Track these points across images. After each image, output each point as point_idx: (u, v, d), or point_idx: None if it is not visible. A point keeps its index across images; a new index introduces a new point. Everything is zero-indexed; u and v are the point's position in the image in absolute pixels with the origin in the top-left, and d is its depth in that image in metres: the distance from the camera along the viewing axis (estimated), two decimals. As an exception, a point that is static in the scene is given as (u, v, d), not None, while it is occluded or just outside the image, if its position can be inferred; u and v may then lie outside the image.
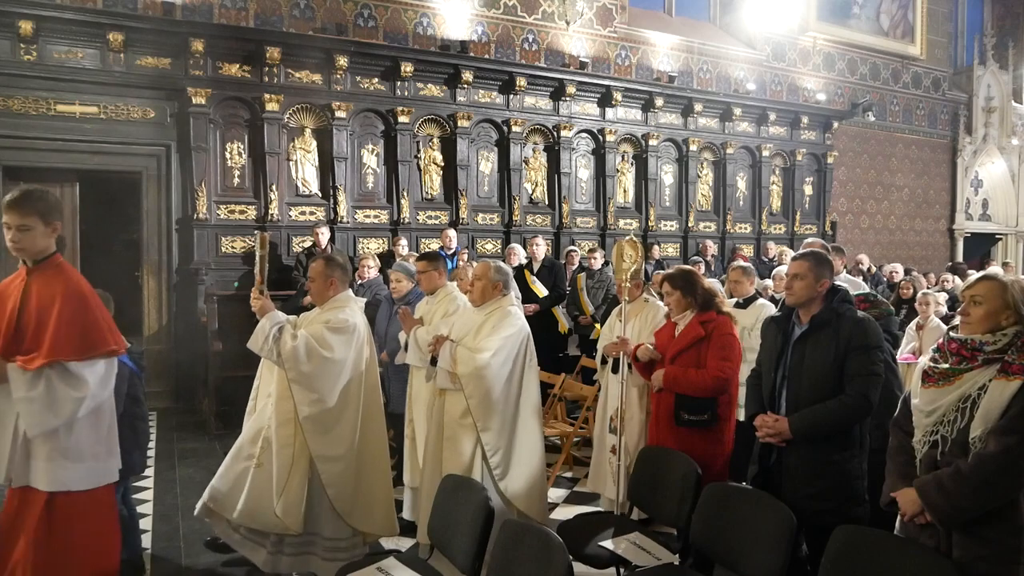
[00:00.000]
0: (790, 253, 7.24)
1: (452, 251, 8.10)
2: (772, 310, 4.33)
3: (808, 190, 12.27)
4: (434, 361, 3.64)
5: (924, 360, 2.44)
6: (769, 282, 6.23)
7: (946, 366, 2.31)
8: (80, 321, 2.60)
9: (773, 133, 11.73)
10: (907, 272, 9.96)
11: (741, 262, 5.47)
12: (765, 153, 11.59)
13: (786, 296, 3.05)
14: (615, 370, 4.14)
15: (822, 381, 2.84)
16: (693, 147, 10.94)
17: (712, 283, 3.94)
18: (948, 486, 2.19)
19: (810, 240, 4.74)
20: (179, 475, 5.47)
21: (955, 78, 14.90)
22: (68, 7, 7.21)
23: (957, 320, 2.41)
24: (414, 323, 4.11)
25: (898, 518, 2.44)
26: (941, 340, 2.40)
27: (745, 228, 11.59)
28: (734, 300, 5.01)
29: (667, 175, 10.97)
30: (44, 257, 2.66)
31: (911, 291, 7.63)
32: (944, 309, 7.20)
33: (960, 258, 14.47)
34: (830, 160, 12.39)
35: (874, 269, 11.03)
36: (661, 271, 8.13)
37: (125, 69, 7.48)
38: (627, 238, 4.28)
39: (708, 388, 3.44)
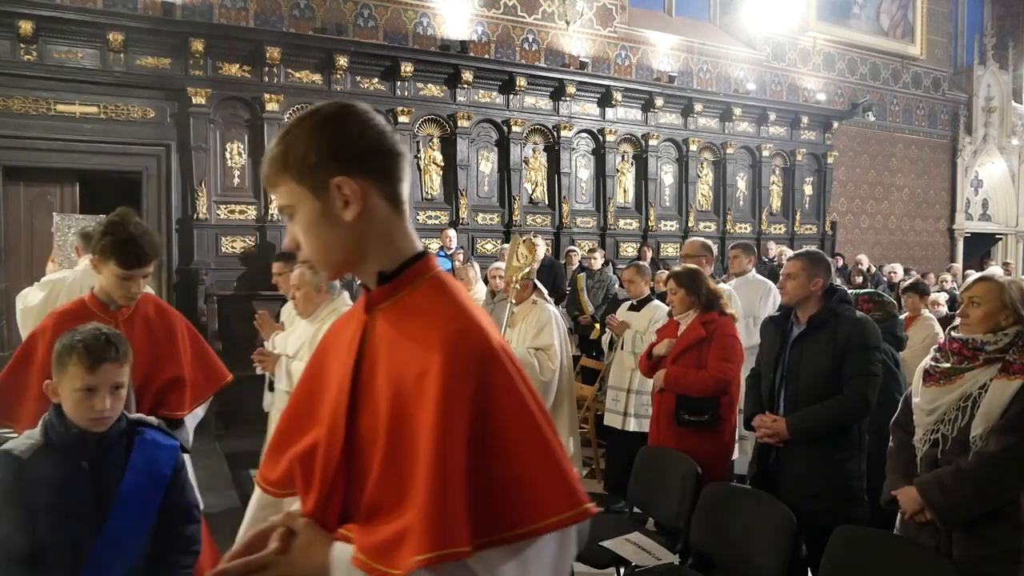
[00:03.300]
0: (790, 253, 7.25)
1: (452, 251, 8.09)
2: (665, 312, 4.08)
3: (808, 190, 12.26)
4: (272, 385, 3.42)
5: (926, 360, 2.46)
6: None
7: (947, 365, 2.33)
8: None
9: (773, 133, 11.73)
10: (907, 272, 9.96)
11: (639, 261, 5.22)
12: (765, 153, 11.59)
13: (781, 296, 3.06)
14: None
15: (820, 381, 2.85)
16: (693, 147, 10.94)
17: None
18: (949, 484, 2.20)
19: (691, 240, 4.69)
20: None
21: (955, 78, 14.89)
22: (68, 7, 7.21)
23: (957, 320, 2.42)
24: (274, 329, 3.75)
25: (898, 518, 2.45)
26: (942, 340, 2.42)
27: (745, 228, 11.59)
28: (628, 302, 4.84)
29: (667, 175, 10.97)
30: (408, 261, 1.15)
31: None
32: (944, 309, 7.21)
33: (960, 258, 14.47)
34: (830, 160, 12.39)
35: (874, 269, 11.05)
36: (663, 271, 8.15)
37: (125, 69, 7.47)
38: (524, 238, 4.15)
39: (709, 388, 3.43)
